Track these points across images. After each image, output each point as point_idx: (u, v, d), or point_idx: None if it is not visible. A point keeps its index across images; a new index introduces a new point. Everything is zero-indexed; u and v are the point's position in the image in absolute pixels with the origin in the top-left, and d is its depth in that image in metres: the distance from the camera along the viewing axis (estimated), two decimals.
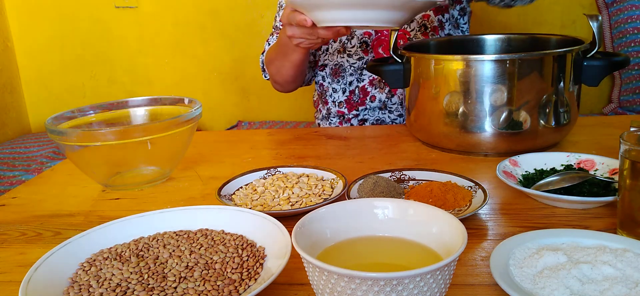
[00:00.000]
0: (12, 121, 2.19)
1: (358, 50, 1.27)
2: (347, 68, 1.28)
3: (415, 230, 0.53)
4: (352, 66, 1.27)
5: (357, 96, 1.29)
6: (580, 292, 0.48)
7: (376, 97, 1.28)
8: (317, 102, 1.42)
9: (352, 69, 1.28)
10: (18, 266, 0.65)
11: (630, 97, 1.82)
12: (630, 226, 0.60)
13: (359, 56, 1.27)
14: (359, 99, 1.29)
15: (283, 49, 1.17)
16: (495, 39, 1.15)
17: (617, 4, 1.83)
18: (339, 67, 1.29)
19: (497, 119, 0.89)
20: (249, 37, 2.13)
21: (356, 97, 1.30)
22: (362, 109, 1.31)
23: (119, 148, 0.82)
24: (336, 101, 1.33)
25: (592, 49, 0.91)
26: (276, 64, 1.25)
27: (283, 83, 1.31)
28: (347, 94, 1.31)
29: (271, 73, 1.31)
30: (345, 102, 1.31)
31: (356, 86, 1.29)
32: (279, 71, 1.26)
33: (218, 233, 0.64)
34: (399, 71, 0.99)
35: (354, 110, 1.31)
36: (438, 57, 0.93)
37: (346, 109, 1.32)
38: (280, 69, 1.25)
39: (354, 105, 1.31)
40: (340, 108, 1.33)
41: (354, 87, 1.29)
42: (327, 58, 1.31)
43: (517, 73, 0.87)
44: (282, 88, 1.35)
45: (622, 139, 0.59)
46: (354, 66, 1.27)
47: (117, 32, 2.18)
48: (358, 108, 1.31)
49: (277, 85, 1.34)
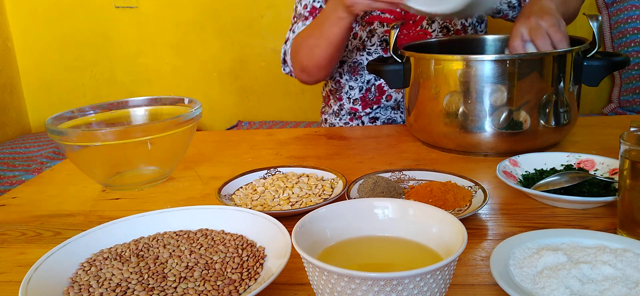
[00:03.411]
0: (12, 121, 2.19)
1: (378, 48, 1.26)
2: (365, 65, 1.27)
3: (415, 230, 0.53)
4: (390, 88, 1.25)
5: (373, 93, 1.29)
6: (580, 292, 0.48)
7: (392, 97, 1.28)
8: (327, 97, 1.41)
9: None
10: (18, 266, 0.65)
11: (630, 97, 1.82)
12: (630, 226, 0.60)
13: (379, 54, 1.26)
14: (375, 97, 1.29)
15: (322, 22, 1.12)
16: (495, 39, 1.15)
17: (617, 4, 1.83)
18: (358, 65, 1.29)
19: (497, 119, 0.89)
20: (249, 37, 2.13)
21: (372, 96, 1.29)
22: (376, 108, 1.31)
23: (119, 147, 0.82)
24: (351, 97, 1.32)
25: (592, 49, 0.91)
26: (309, 43, 1.17)
27: (313, 68, 1.22)
28: (363, 91, 1.30)
29: (300, 59, 1.22)
30: (360, 100, 1.31)
31: (373, 84, 1.29)
32: (311, 52, 1.18)
33: (218, 233, 0.64)
34: (399, 70, 0.99)
35: (368, 108, 1.31)
36: (438, 57, 0.93)
37: (360, 107, 1.32)
38: (313, 49, 1.17)
39: (369, 103, 1.30)
40: (354, 105, 1.32)
41: (371, 85, 1.29)
42: (346, 55, 1.30)
43: (517, 73, 0.87)
44: (310, 77, 1.25)
45: (622, 139, 0.59)
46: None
47: (117, 32, 2.18)
48: (372, 106, 1.31)
49: (304, 74, 1.25)
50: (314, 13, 1.25)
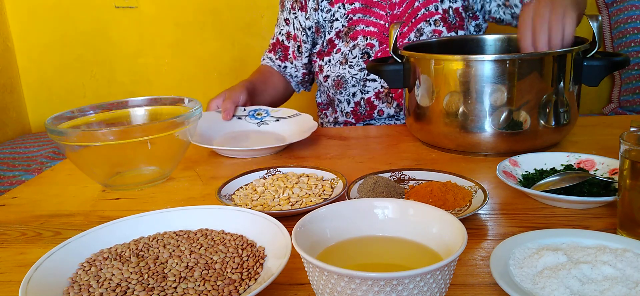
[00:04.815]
0: (12, 121, 2.19)
1: (359, 60, 1.27)
2: (349, 79, 1.28)
3: (415, 230, 0.53)
4: (354, 77, 1.27)
5: (364, 108, 1.30)
6: (580, 292, 0.48)
7: (384, 112, 1.28)
8: (326, 106, 1.42)
9: (354, 80, 1.27)
10: (18, 266, 0.65)
11: (630, 97, 1.82)
12: (630, 226, 0.60)
13: (361, 66, 1.27)
14: (366, 111, 1.30)
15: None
16: (495, 39, 1.15)
17: (617, 4, 1.83)
18: (340, 78, 1.29)
19: (496, 119, 0.89)
20: (249, 37, 2.13)
21: (363, 110, 1.30)
22: (370, 121, 1.31)
23: (119, 147, 0.82)
24: (343, 110, 1.33)
25: (592, 49, 0.91)
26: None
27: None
28: (353, 105, 1.31)
29: None
30: (351, 113, 1.32)
31: (361, 97, 1.29)
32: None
33: (218, 233, 0.64)
34: (398, 70, 0.99)
35: (361, 121, 1.32)
36: (438, 57, 0.93)
37: (354, 119, 1.33)
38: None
39: (361, 117, 1.31)
40: (348, 118, 1.33)
41: (358, 98, 1.29)
42: (330, 69, 1.31)
43: (517, 73, 0.87)
44: None
45: (622, 139, 0.59)
46: (355, 77, 1.27)
47: (117, 32, 2.18)
48: (365, 120, 1.31)
49: None
50: (277, 46, 1.39)
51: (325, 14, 1.29)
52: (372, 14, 1.26)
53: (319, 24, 1.31)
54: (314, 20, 1.31)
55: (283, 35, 1.38)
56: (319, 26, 1.31)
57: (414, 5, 1.25)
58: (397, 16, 1.25)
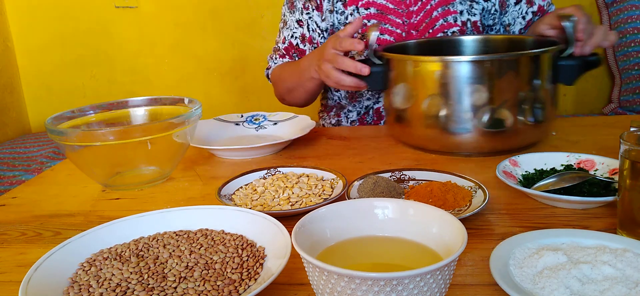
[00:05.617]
0: (12, 121, 2.19)
1: None
2: (365, 93, 1.27)
3: (415, 230, 0.53)
4: (370, 90, 1.25)
5: (371, 116, 1.30)
6: (580, 292, 0.48)
7: None
8: (331, 108, 1.39)
9: (369, 94, 1.27)
10: (18, 266, 0.65)
11: (630, 97, 1.82)
12: (630, 226, 0.60)
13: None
14: (373, 121, 1.30)
15: (300, 73, 1.18)
16: (473, 40, 1.16)
17: (617, 4, 1.83)
18: (357, 94, 1.28)
19: (476, 120, 0.89)
20: (249, 37, 2.13)
21: (369, 119, 1.30)
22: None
23: (119, 147, 0.82)
24: (350, 118, 1.33)
25: (566, 49, 0.92)
26: (288, 86, 1.25)
27: (292, 103, 1.32)
28: (361, 114, 1.31)
29: (281, 92, 1.31)
30: (358, 122, 1.32)
31: (371, 108, 1.29)
32: (290, 93, 1.27)
33: (218, 233, 0.64)
34: (378, 72, 0.98)
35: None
36: (416, 59, 0.95)
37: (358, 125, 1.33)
38: (292, 92, 1.26)
39: (367, 125, 1.31)
40: (351, 125, 1.33)
41: (369, 109, 1.29)
42: None
43: (495, 73, 0.88)
44: (288, 105, 1.35)
45: (622, 139, 0.59)
46: (371, 91, 1.25)
47: (117, 32, 2.18)
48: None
49: (284, 102, 1.35)
50: (291, 51, 1.29)
51: (340, 16, 1.24)
52: (388, 22, 1.22)
53: (334, 26, 1.26)
54: (329, 22, 1.25)
55: (297, 38, 1.28)
56: (334, 29, 1.26)
57: (431, 15, 1.22)
58: (413, 25, 1.22)
